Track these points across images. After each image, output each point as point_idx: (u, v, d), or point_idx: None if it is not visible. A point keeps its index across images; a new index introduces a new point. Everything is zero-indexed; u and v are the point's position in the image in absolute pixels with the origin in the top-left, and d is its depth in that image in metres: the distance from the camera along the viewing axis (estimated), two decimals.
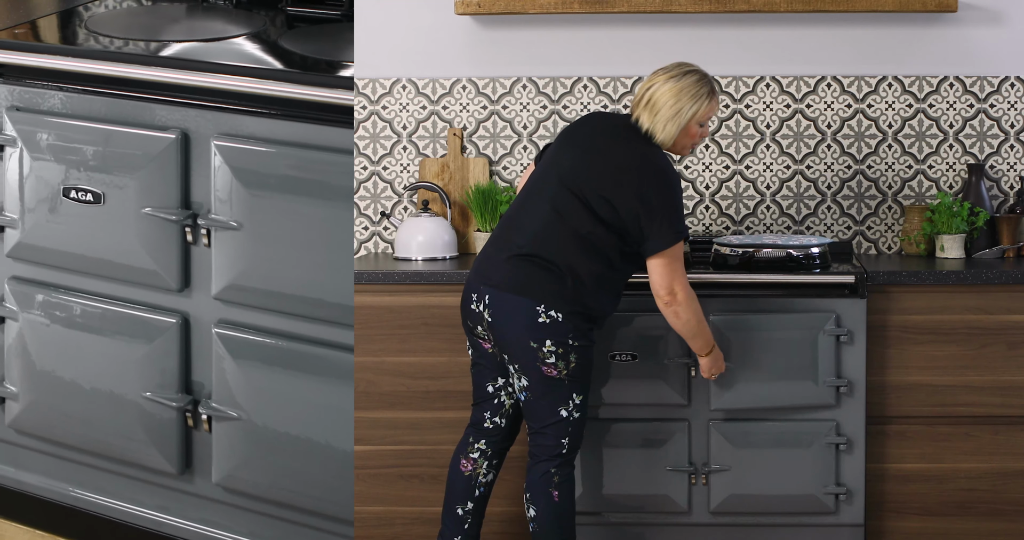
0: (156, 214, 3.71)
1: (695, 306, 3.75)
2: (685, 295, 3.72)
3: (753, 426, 4.08)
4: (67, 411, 3.97)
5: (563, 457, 3.76)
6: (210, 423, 3.79)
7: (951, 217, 4.37)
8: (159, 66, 3.65)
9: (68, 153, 3.80)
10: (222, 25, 4.04)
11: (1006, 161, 4.55)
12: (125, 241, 3.78)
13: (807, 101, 4.57)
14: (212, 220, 3.64)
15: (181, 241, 3.72)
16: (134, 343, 3.84)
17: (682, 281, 3.71)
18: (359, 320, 4.15)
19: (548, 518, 3.76)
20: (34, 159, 3.84)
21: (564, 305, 3.65)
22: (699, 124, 3.75)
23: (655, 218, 3.65)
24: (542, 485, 3.75)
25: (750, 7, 4.41)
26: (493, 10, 4.46)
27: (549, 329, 3.65)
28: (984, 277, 4.07)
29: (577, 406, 3.74)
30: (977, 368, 4.10)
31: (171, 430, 3.85)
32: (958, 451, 4.14)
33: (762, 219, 4.61)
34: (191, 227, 3.70)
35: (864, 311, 4.04)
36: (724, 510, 4.11)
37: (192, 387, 3.83)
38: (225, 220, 3.62)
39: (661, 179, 3.67)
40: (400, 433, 4.20)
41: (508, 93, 4.63)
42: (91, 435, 3.96)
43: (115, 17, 4.15)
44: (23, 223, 3.91)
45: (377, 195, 4.69)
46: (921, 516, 4.17)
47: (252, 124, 3.59)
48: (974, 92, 4.53)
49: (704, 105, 3.72)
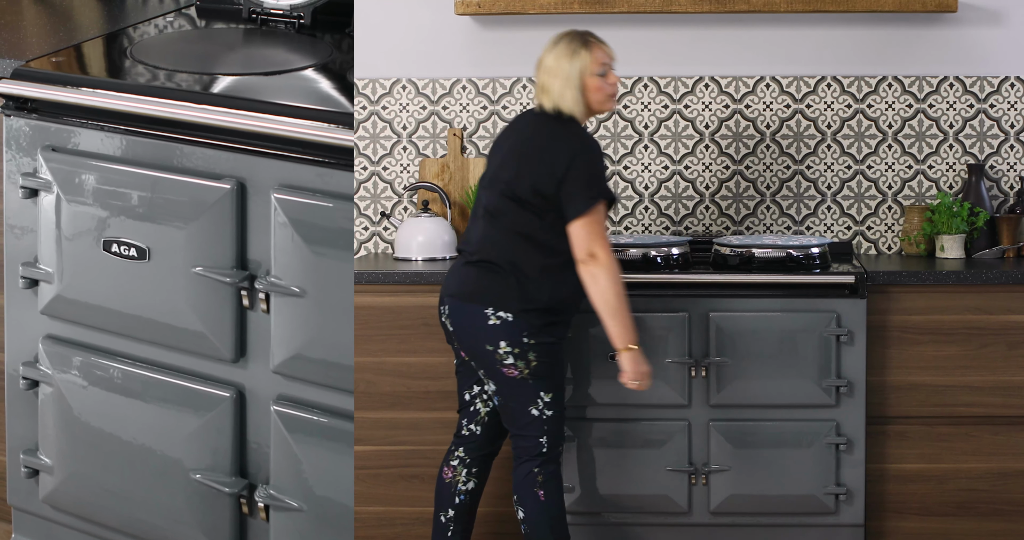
0: (208, 274, 3.29)
1: (615, 276, 3.65)
2: (606, 259, 3.64)
3: (753, 426, 4.08)
4: (108, 486, 3.58)
5: (544, 456, 3.75)
6: (267, 512, 3.39)
7: (951, 217, 4.37)
8: (212, 104, 3.23)
9: (110, 200, 3.40)
10: (284, 54, 3.69)
11: (1006, 161, 4.55)
12: (173, 303, 3.37)
13: (807, 101, 4.57)
14: (272, 284, 3.23)
15: (236, 305, 3.31)
16: (183, 416, 3.43)
17: (602, 244, 3.65)
18: (359, 320, 4.15)
19: (537, 518, 3.76)
20: (72, 206, 3.46)
21: (513, 304, 3.66)
22: (596, 75, 3.73)
23: (571, 183, 3.64)
24: (527, 486, 3.76)
25: (750, 7, 4.41)
26: (493, 10, 4.46)
27: (502, 330, 3.66)
28: (984, 277, 4.07)
29: (548, 404, 3.72)
30: (977, 368, 4.10)
31: (223, 515, 3.43)
32: (958, 451, 4.14)
33: (762, 219, 4.61)
34: (247, 290, 3.29)
35: (864, 311, 4.04)
36: (724, 510, 4.11)
37: (248, 469, 3.42)
38: (286, 284, 3.22)
39: (574, 147, 3.66)
40: (400, 433, 4.20)
41: (508, 93, 4.63)
42: (134, 514, 3.56)
43: (165, 43, 3.78)
44: (60, 277, 3.53)
45: (377, 195, 4.69)
46: (921, 516, 4.17)
47: (319, 175, 3.18)
48: (974, 92, 4.53)
49: (585, 57, 3.71)
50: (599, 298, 3.67)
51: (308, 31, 3.99)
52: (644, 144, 4.61)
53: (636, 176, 4.62)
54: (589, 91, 3.73)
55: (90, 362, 3.53)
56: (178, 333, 3.39)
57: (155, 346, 3.47)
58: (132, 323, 3.45)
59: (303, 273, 3.19)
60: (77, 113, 3.45)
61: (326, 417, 3.27)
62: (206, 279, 3.31)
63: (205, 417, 3.41)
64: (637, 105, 4.60)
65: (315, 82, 3.45)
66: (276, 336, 3.28)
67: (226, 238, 3.28)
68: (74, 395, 3.59)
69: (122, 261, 3.39)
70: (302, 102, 3.25)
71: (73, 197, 3.46)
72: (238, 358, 3.36)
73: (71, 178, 3.46)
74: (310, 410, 3.30)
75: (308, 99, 3.29)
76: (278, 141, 3.19)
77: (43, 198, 3.54)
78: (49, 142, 3.52)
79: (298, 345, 3.26)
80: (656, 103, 4.59)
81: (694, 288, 4.08)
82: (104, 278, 3.45)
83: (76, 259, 3.49)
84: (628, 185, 4.62)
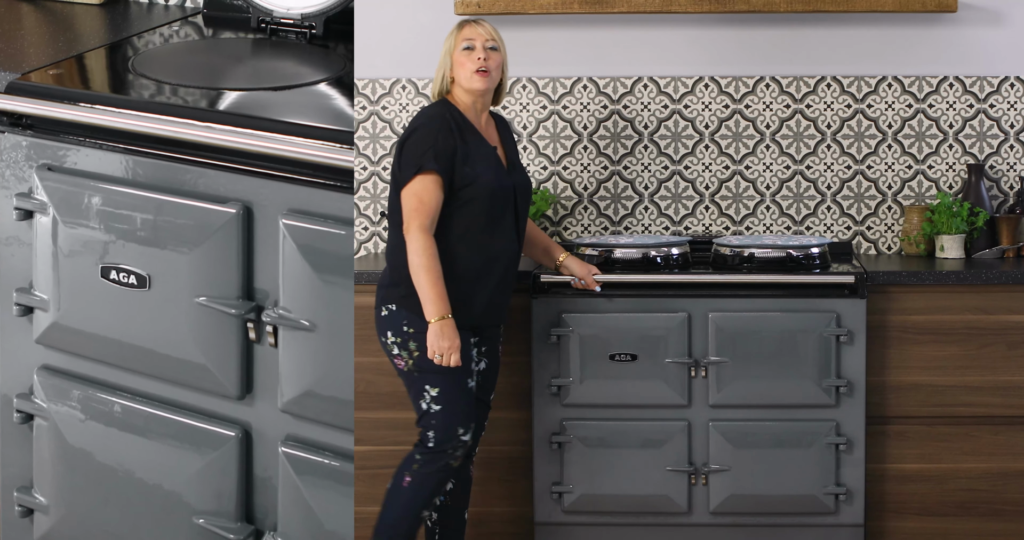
0: (212, 305, 3.09)
1: (417, 247, 3.52)
2: (414, 231, 3.53)
3: (753, 426, 4.07)
4: (107, 527, 3.37)
5: (429, 450, 3.68)
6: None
7: (951, 217, 4.37)
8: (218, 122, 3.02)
9: (110, 223, 3.19)
10: (294, 66, 3.50)
11: (1006, 161, 4.55)
12: (175, 334, 3.16)
13: (807, 101, 4.57)
14: (280, 317, 3.03)
15: (242, 338, 3.10)
16: (186, 455, 3.22)
17: (415, 215, 3.55)
18: (359, 320, 4.15)
19: (390, 500, 3.67)
20: (69, 228, 3.26)
21: (392, 294, 3.65)
22: (461, 50, 3.71)
23: (399, 159, 3.63)
24: (403, 465, 3.71)
25: (750, 7, 4.41)
26: (493, 10, 4.46)
27: (387, 321, 3.65)
28: (984, 277, 4.07)
29: (435, 398, 3.65)
30: (977, 368, 4.10)
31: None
32: (958, 451, 4.13)
33: (762, 219, 4.61)
34: (254, 322, 3.09)
35: (864, 311, 4.04)
36: (724, 510, 4.11)
37: (254, 514, 3.22)
38: (296, 317, 3.01)
39: (412, 122, 3.67)
40: (400, 433, 4.19)
41: (508, 93, 4.62)
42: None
43: (170, 54, 3.59)
44: (56, 304, 3.32)
45: (377, 195, 4.68)
46: (921, 516, 4.17)
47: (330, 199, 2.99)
48: (974, 92, 4.53)
49: (452, 36, 3.74)
50: (411, 266, 3.57)
51: (320, 41, 3.82)
52: (644, 144, 4.61)
53: (636, 176, 4.62)
54: (455, 68, 3.73)
55: (88, 395, 3.33)
56: (180, 367, 3.18)
57: (157, 380, 3.28)
58: (132, 355, 3.25)
59: (314, 305, 3.00)
60: (75, 130, 3.24)
61: (338, 460, 3.08)
62: (210, 310, 3.11)
63: (209, 457, 3.21)
64: (637, 105, 4.60)
65: (327, 97, 3.27)
66: (285, 372, 3.08)
67: (231, 266, 3.08)
68: (71, 429, 3.38)
69: (121, 289, 3.18)
70: (313, 119, 3.08)
71: (70, 219, 3.26)
72: (244, 395, 3.17)
73: (68, 199, 3.26)
74: (322, 452, 3.10)
75: (320, 116, 3.12)
76: (287, 162, 3.02)
77: (38, 220, 3.34)
78: (45, 160, 3.32)
79: (309, 382, 3.06)
80: (656, 103, 4.59)
81: (694, 288, 4.08)
82: (103, 306, 3.25)
83: (73, 285, 3.28)
84: (628, 185, 4.62)
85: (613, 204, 4.63)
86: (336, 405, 3.02)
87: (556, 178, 4.63)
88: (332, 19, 3.90)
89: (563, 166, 4.63)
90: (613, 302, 4.07)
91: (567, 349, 4.07)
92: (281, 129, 2.96)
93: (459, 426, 3.68)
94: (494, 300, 3.76)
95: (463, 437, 3.68)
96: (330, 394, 3.00)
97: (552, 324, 4.09)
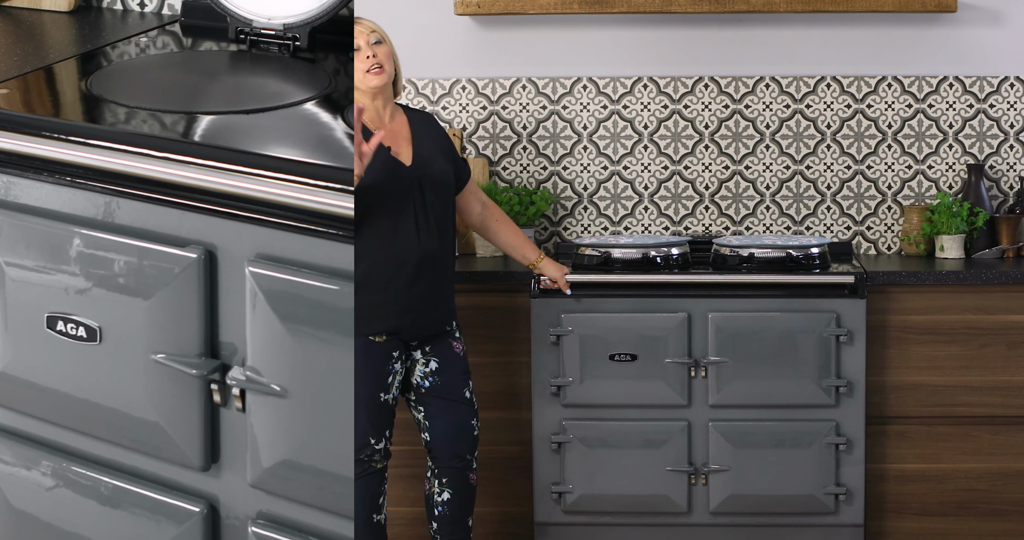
0: (171, 363, 2.65)
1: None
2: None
3: (753, 426, 4.08)
4: None
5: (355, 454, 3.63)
6: None
7: (951, 217, 4.37)
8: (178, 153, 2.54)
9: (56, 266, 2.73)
10: (277, 84, 3.09)
11: (1006, 161, 4.55)
12: (129, 395, 2.73)
13: (807, 101, 4.57)
14: (248, 380, 2.60)
15: (206, 401, 2.67)
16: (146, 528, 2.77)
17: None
18: None
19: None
20: (12, 270, 2.82)
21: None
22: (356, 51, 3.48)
23: None
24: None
25: (750, 7, 4.41)
26: (493, 10, 4.46)
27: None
28: (984, 277, 4.07)
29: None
30: (977, 368, 4.10)
31: None
32: (958, 451, 4.14)
33: (762, 219, 4.61)
34: (219, 383, 2.66)
35: (864, 311, 4.04)
36: (724, 510, 4.11)
37: None
38: (265, 382, 2.58)
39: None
40: (400, 433, 4.19)
41: (508, 93, 4.63)
42: None
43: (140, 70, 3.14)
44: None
45: None
46: (921, 516, 4.17)
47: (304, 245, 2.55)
48: (974, 92, 4.53)
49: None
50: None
51: (306, 54, 3.42)
52: (644, 144, 4.61)
53: (636, 176, 4.62)
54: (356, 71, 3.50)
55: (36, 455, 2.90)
56: (137, 432, 2.75)
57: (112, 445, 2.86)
58: (83, 417, 2.82)
59: (286, 364, 2.57)
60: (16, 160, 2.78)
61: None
62: (169, 368, 2.67)
63: (171, 534, 2.77)
64: (637, 105, 4.60)
65: (312, 121, 2.83)
66: (254, 441, 2.65)
67: (192, 318, 2.63)
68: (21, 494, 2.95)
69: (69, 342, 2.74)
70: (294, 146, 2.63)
71: (12, 261, 2.84)
72: (209, 465, 2.73)
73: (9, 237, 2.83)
74: (300, 535, 2.67)
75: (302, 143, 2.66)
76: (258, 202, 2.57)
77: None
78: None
79: (282, 453, 2.64)
80: (656, 103, 4.59)
81: (694, 288, 4.08)
82: (48, 361, 2.80)
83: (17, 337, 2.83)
84: (628, 185, 4.62)
85: (613, 204, 4.63)
86: (317, 480, 2.60)
87: (556, 178, 4.64)
88: (319, 29, 3.53)
89: (563, 166, 4.63)
90: (613, 302, 4.07)
91: (567, 349, 4.07)
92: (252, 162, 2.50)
93: (369, 436, 3.62)
94: (412, 305, 3.61)
95: (376, 445, 3.63)
96: (309, 466, 2.59)
97: (552, 324, 4.09)
